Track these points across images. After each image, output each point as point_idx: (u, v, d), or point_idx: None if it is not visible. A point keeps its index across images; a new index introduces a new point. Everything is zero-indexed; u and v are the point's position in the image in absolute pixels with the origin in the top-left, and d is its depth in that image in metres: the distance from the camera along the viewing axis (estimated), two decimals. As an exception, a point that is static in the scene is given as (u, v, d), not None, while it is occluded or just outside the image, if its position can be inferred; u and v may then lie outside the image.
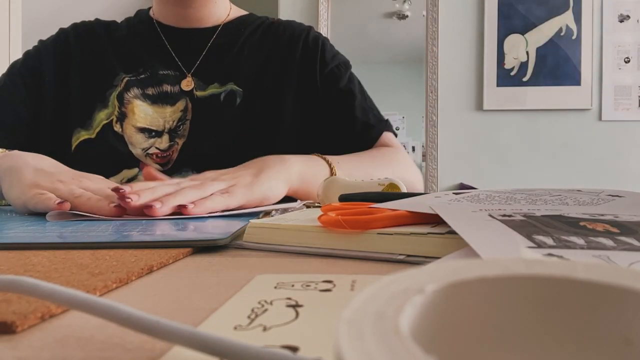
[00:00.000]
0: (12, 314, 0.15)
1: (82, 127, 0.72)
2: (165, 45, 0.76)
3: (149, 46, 0.76)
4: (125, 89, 0.72)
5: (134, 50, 0.76)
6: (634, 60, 2.16)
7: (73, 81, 0.74)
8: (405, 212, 0.30)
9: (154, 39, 0.76)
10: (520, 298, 0.11)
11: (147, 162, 0.70)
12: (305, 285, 0.20)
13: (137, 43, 0.76)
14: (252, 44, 0.78)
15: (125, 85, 0.72)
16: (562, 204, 0.32)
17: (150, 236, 0.32)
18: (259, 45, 0.78)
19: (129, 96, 0.72)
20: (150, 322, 0.12)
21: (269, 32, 0.80)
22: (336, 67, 0.78)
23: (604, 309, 0.10)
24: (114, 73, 0.73)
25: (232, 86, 0.73)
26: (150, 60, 0.74)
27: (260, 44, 0.78)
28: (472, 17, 2.21)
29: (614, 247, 0.20)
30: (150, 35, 0.77)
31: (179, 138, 0.71)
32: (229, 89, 0.73)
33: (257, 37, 0.79)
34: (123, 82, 0.73)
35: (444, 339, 0.10)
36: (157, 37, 0.76)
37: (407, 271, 0.11)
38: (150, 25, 0.77)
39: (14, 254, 0.27)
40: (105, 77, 0.73)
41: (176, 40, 0.76)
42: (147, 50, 0.76)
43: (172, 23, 0.77)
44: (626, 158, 2.17)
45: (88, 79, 0.74)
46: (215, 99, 0.73)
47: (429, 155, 2.25)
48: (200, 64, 0.75)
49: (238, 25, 0.79)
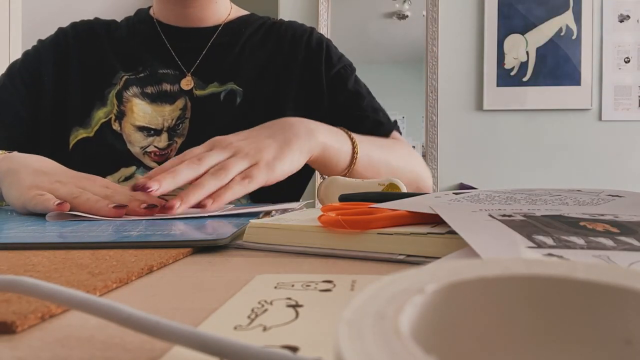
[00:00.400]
0: (12, 314, 0.15)
1: (81, 126, 0.72)
2: (165, 44, 0.76)
3: (149, 45, 0.76)
4: (124, 87, 0.72)
5: (134, 49, 0.76)
6: (634, 60, 2.16)
7: (72, 80, 0.74)
8: (405, 212, 0.30)
9: (153, 38, 0.76)
10: (520, 298, 0.11)
11: (145, 160, 0.70)
12: (305, 285, 0.20)
13: (137, 42, 0.76)
14: (253, 44, 0.78)
15: (125, 83, 0.72)
16: (562, 204, 0.32)
17: (150, 236, 0.32)
18: (261, 45, 0.78)
19: (127, 95, 0.72)
20: (150, 322, 0.12)
21: (270, 32, 0.80)
22: (342, 68, 0.78)
23: (604, 309, 0.10)
24: (113, 72, 0.73)
25: (232, 86, 0.73)
26: (149, 59, 0.74)
27: (262, 44, 0.78)
28: (472, 17, 2.21)
29: (614, 247, 0.20)
30: (150, 34, 0.77)
31: (178, 137, 0.71)
32: (229, 89, 0.73)
33: (259, 37, 0.79)
34: (122, 80, 0.73)
35: (444, 339, 0.10)
36: (157, 36, 0.76)
37: (407, 271, 0.11)
38: (150, 25, 0.77)
39: (14, 254, 0.27)
40: (104, 76, 0.73)
41: (176, 39, 0.76)
42: (147, 49, 0.76)
43: (172, 22, 0.77)
44: (626, 158, 2.16)
45: (87, 78, 0.74)
46: (215, 98, 0.73)
47: (429, 155, 2.25)
48: (200, 63, 0.75)
49: (239, 25, 0.79)
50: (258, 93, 0.74)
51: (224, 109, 0.72)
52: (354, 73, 0.80)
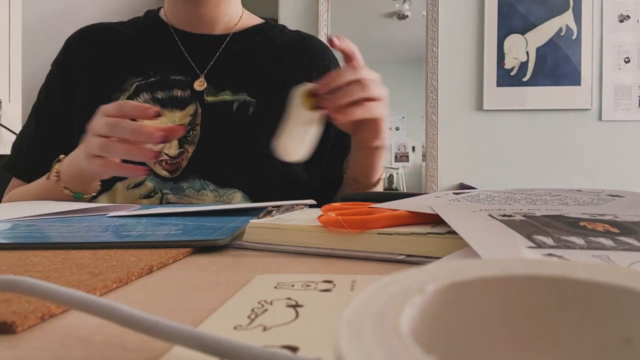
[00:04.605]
0: (12, 314, 0.15)
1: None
2: (177, 47, 0.75)
3: (160, 48, 0.75)
4: (134, 94, 0.71)
5: (144, 53, 0.75)
6: (634, 60, 2.16)
7: (79, 89, 0.73)
8: (405, 212, 0.30)
9: (165, 41, 0.75)
10: (520, 298, 0.11)
11: (155, 168, 0.70)
12: (305, 285, 0.19)
13: (147, 45, 0.76)
14: (269, 54, 0.77)
15: (135, 90, 0.72)
16: (562, 204, 0.32)
17: (150, 236, 0.32)
18: (277, 56, 0.77)
19: (138, 101, 0.71)
20: (150, 322, 0.12)
21: (290, 45, 0.79)
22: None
23: (604, 309, 0.10)
24: (122, 77, 0.73)
25: (245, 97, 0.73)
26: (160, 64, 0.74)
27: (279, 55, 0.77)
28: (472, 17, 2.21)
29: (614, 247, 0.20)
30: (161, 37, 0.76)
31: (189, 145, 0.70)
32: (242, 100, 0.72)
33: (275, 48, 0.78)
34: (132, 87, 0.72)
35: (444, 339, 0.10)
36: (168, 39, 0.75)
37: (407, 271, 0.11)
38: (161, 27, 0.77)
39: (14, 254, 0.27)
40: (112, 82, 0.72)
41: (189, 43, 0.75)
42: (158, 52, 0.75)
43: (184, 24, 0.76)
44: (626, 158, 2.16)
45: (94, 85, 0.73)
46: (227, 107, 0.72)
47: (429, 155, 2.25)
48: (212, 68, 0.74)
49: (253, 33, 0.78)
50: (271, 107, 0.73)
51: (236, 120, 0.72)
52: None
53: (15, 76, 2.01)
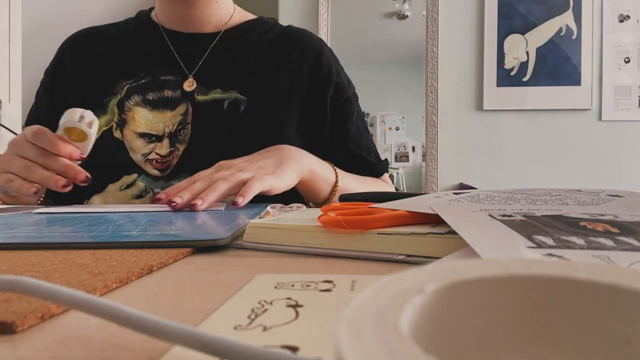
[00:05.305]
0: (12, 314, 0.15)
1: None
2: (167, 48, 0.75)
3: (151, 49, 0.75)
4: (126, 97, 0.72)
5: (134, 55, 0.75)
6: (634, 60, 2.16)
7: (71, 95, 0.74)
8: (405, 212, 0.30)
9: (155, 41, 0.76)
10: (520, 298, 0.11)
11: (146, 168, 0.70)
12: (305, 285, 0.20)
13: (138, 47, 0.76)
14: (259, 50, 0.77)
15: (126, 92, 0.72)
16: (562, 204, 0.32)
17: (150, 236, 0.32)
18: (268, 53, 0.77)
19: (129, 104, 0.71)
20: (150, 322, 0.12)
21: (280, 40, 0.78)
22: (348, 98, 0.79)
23: (604, 309, 0.10)
24: (113, 80, 0.73)
25: (236, 95, 0.72)
26: (151, 64, 0.74)
27: (269, 51, 0.77)
28: (472, 17, 2.21)
29: (614, 247, 0.20)
30: (152, 38, 0.76)
31: (180, 143, 0.70)
32: (233, 97, 0.72)
33: (266, 44, 0.77)
34: (124, 90, 0.72)
35: (444, 339, 0.10)
36: (159, 40, 0.75)
37: (407, 271, 0.11)
38: (152, 28, 0.77)
39: (14, 254, 0.27)
40: (103, 85, 0.73)
41: (178, 43, 0.75)
42: (148, 53, 0.75)
43: (174, 25, 0.76)
44: (626, 158, 2.17)
45: (86, 89, 0.73)
46: (218, 105, 0.72)
47: (429, 155, 2.25)
48: (202, 67, 0.74)
49: (243, 30, 0.78)
50: (262, 104, 0.73)
51: (227, 117, 0.71)
52: (357, 101, 0.81)
53: (15, 76, 2.01)
